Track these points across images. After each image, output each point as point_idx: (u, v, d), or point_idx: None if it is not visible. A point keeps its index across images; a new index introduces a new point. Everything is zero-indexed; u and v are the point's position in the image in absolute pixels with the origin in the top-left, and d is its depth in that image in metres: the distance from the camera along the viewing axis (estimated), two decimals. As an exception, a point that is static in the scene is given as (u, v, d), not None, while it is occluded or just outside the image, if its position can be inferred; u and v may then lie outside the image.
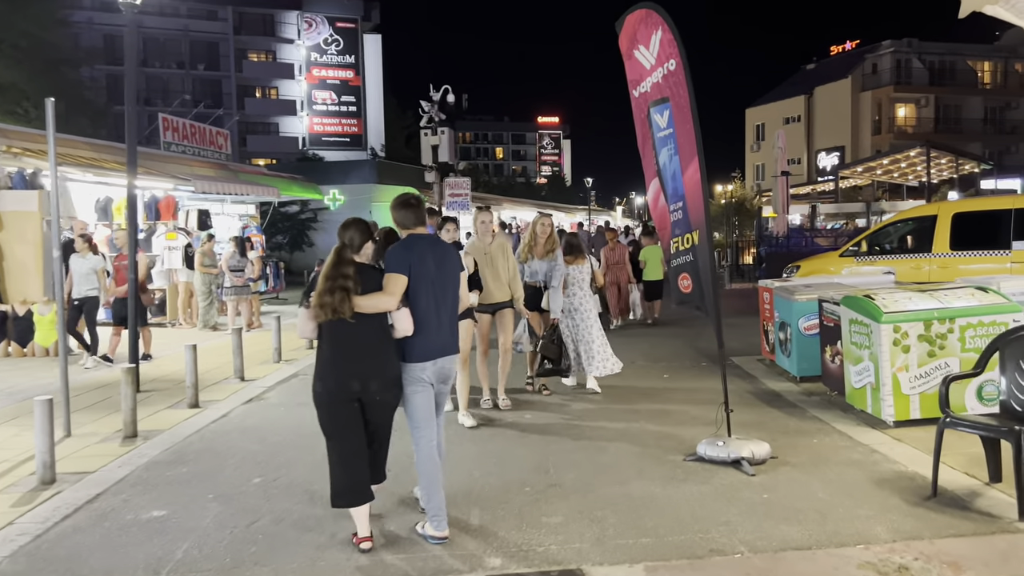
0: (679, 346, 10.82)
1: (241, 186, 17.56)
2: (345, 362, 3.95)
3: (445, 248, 4.42)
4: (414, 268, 4.08)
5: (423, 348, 4.13)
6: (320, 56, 56.39)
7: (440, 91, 19.90)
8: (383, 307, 3.98)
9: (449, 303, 4.27)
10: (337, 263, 3.93)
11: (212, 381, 8.89)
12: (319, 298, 3.89)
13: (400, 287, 4.02)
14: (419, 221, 4.29)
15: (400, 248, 4.18)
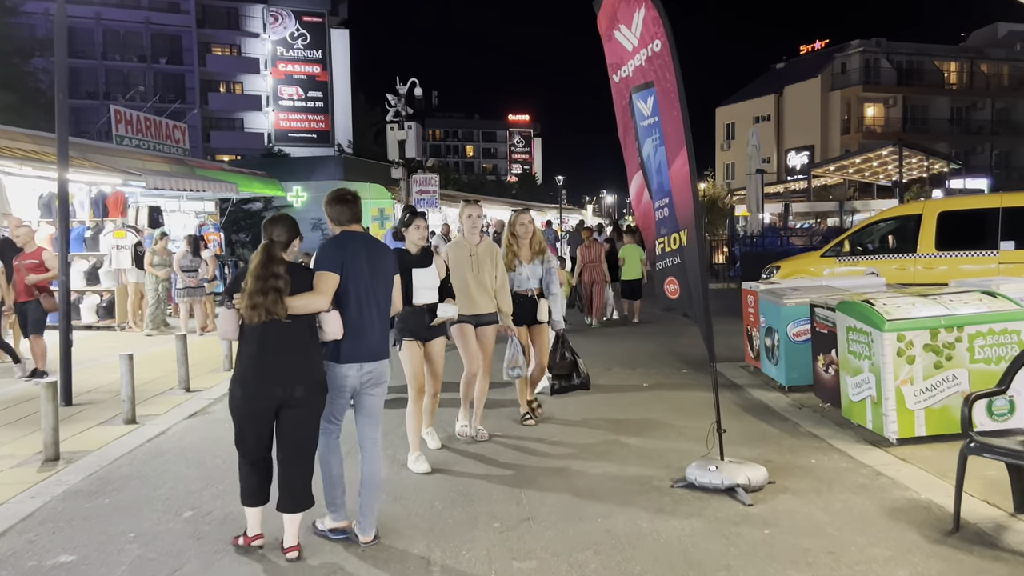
0: (658, 350, 10.28)
1: (197, 182, 16.71)
2: (271, 366, 3.74)
3: (380, 247, 4.19)
4: (347, 267, 3.91)
5: (352, 350, 3.96)
6: (286, 51, 55.20)
7: (407, 84, 19.21)
8: (315, 307, 3.80)
9: (382, 305, 4.10)
10: (267, 261, 3.71)
11: (154, 392, 8.17)
12: (250, 299, 3.66)
13: (332, 286, 3.85)
14: (354, 218, 4.12)
15: (332, 245, 4.00)
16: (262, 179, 21.58)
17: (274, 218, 3.99)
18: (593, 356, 7.38)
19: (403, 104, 19.04)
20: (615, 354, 10.02)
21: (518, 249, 6.42)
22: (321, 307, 3.80)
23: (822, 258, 11.70)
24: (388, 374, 4.19)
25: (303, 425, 3.87)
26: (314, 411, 3.89)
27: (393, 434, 6.00)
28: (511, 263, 6.31)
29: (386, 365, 4.13)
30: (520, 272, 6.38)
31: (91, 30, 51.69)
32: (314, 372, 3.84)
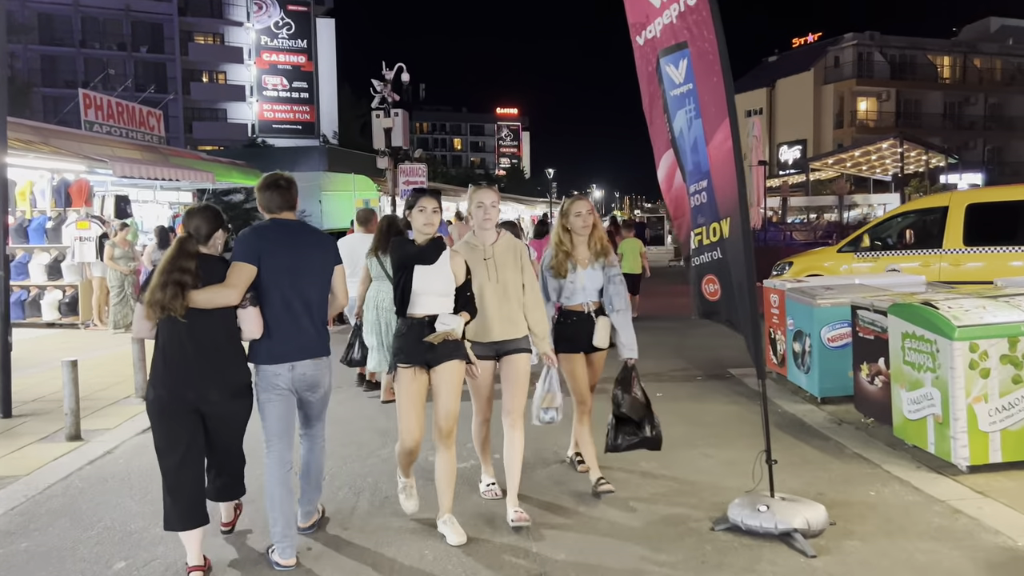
0: (665, 352, 9.45)
1: (170, 170, 15.72)
2: (179, 367, 3.46)
3: (312, 237, 3.81)
4: (265, 258, 3.57)
5: (271, 350, 3.62)
6: (271, 40, 54.03)
7: (394, 70, 18.29)
8: (221, 301, 3.46)
9: (313, 301, 3.72)
10: (176, 255, 3.44)
11: (107, 401, 7.28)
12: (150, 294, 3.40)
13: (243, 278, 3.51)
14: (285, 204, 3.74)
15: (249, 234, 3.66)
16: (242, 169, 20.60)
17: (192, 210, 3.68)
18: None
19: (389, 90, 18.13)
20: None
21: (572, 248, 4.65)
22: (229, 300, 3.46)
23: (839, 253, 10.91)
24: (328, 376, 3.84)
25: (225, 431, 3.62)
26: (234, 415, 3.62)
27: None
28: (562, 267, 4.60)
29: (324, 365, 3.79)
30: (574, 280, 4.62)
31: (69, 17, 50.46)
32: (229, 374, 3.54)
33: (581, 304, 4.67)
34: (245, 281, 3.51)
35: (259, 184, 3.77)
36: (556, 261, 4.64)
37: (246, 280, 3.51)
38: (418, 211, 3.92)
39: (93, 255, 12.40)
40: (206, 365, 3.46)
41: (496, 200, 4.26)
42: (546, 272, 4.68)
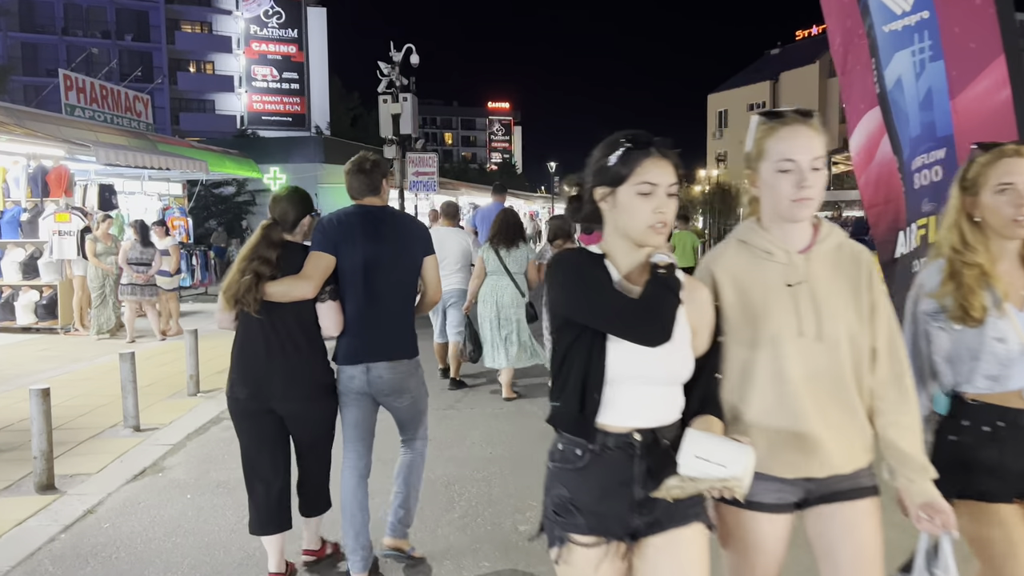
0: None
1: (159, 158, 14.30)
2: (255, 364, 3.21)
3: (397, 223, 3.42)
4: (344, 247, 3.25)
5: (347, 348, 3.29)
6: (260, 29, 52.46)
7: (402, 50, 16.93)
8: (297, 294, 3.15)
9: (396, 295, 3.34)
10: (258, 243, 3.18)
11: (91, 432, 5.93)
12: (227, 284, 3.16)
13: (319, 270, 3.19)
14: (368, 189, 3.40)
15: (328, 221, 3.32)
16: (236, 158, 19.17)
17: (276, 196, 3.39)
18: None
19: (397, 73, 16.76)
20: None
21: (991, 261, 2.13)
22: (304, 293, 3.17)
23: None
24: (413, 380, 3.39)
25: (304, 435, 3.37)
26: (313, 419, 3.33)
27: None
28: (974, 304, 2.07)
29: (406, 368, 3.35)
30: (1004, 335, 2.06)
31: (51, 4, 48.95)
32: (307, 374, 3.26)
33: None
34: (322, 272, 3.20)
35: (346, 168, 3.42)
36: (964, 303, 2.09)
37: (323, 271, 3.20)
38: (638, 193, 1.74)
39: (74, 251, 11.01)
40: (283, 364, 3.19)
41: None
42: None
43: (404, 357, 3.34)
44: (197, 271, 15.37)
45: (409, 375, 3.36)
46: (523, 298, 6.72)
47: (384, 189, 3.44)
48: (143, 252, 10.07)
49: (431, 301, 3.51)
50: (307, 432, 3.34)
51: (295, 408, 3.25)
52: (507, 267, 6.59)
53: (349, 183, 3.41)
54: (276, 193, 3.42)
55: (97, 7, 50.20)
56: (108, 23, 50.48)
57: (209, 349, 9.34)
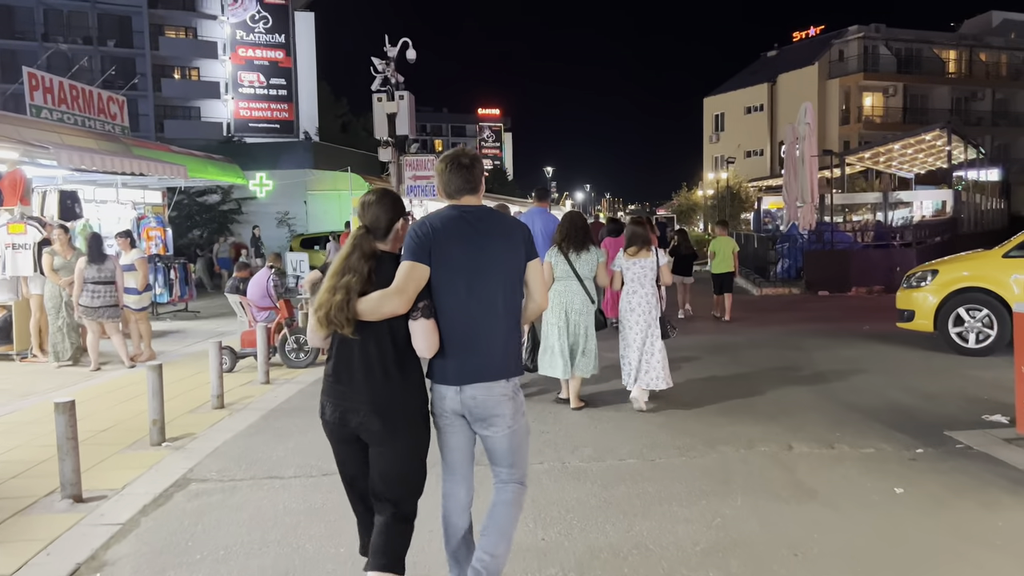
0: (821, 400, 6.89)
1: (133, 162, 12.95)
2: (343, 386, 2.91)
3: (498, 224, 2.99)
4: (438, 253, 2.87)
5: (442, 366, 2.92)
6: (247, 34, 51.13)
7: (398, 45, 15.66)
8: (388, 310, 2.81)
9: (497, 305, 2.93)
10: (350, 254, 2.90)
11: (17, 504, 4.60)
12: (318, 301, 2.89)
13: (413, 281, 2.83)
14: (465, 187, 3.01)
15: (420, 225, 2.93)
16: (219, 164, 17.86)
17: (369, 198, 3.02)
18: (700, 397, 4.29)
19: (393, 70, 15.50)
20: (712, 387, 6.65)
21: None
22: (395, 309, 2.79)
23: (1006, 259, 8.45)
24: (511, 405, 2.94)
25: (389, 466, 2.91)
26: (401, 448, 2.90)
27: None
28: None
29: (503, 391, 2.92)
30: None
31: (31, 8, 47.51)
32: (398, 398, 2.87)
33: None
34: (416, 284, 2.83)
35: (439, 165, 3.05)
36: None
37: (417, 283, 2.83)
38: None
39: (30, 267, 9.68)
40: (369, 387, 2.86)
41: None
42: None
43: (501, 376, 2.95)
44: (176, 286, 14.02)
45: (506, 399, 2.96)
46: (592, 304, 6.52)
47: (483, 187, 3.08)
48: (100, 269, 8.74)
49: (537, 309, 3.13)
50: (384, 463, 2.92)
51: (380, 437, 2.89)
52: (577, 271, 6.39)
53: (446, 181, 3.04)
54: (364, 198, 3.08)
55: (78, 12, 48.90)
56: (90, 28, 49.17)
57: (181, 381, 8.01)
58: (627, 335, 6.59)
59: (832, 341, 9.83)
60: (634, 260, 6.60)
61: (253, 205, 26.25)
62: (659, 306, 6.64)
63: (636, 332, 6.53)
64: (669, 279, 6.91)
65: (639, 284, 6.57)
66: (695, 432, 5.81)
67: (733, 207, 26.12)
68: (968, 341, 8.59)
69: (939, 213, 32.68)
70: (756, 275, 17.92)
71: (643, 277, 6.56)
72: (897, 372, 7.84)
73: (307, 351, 9.01)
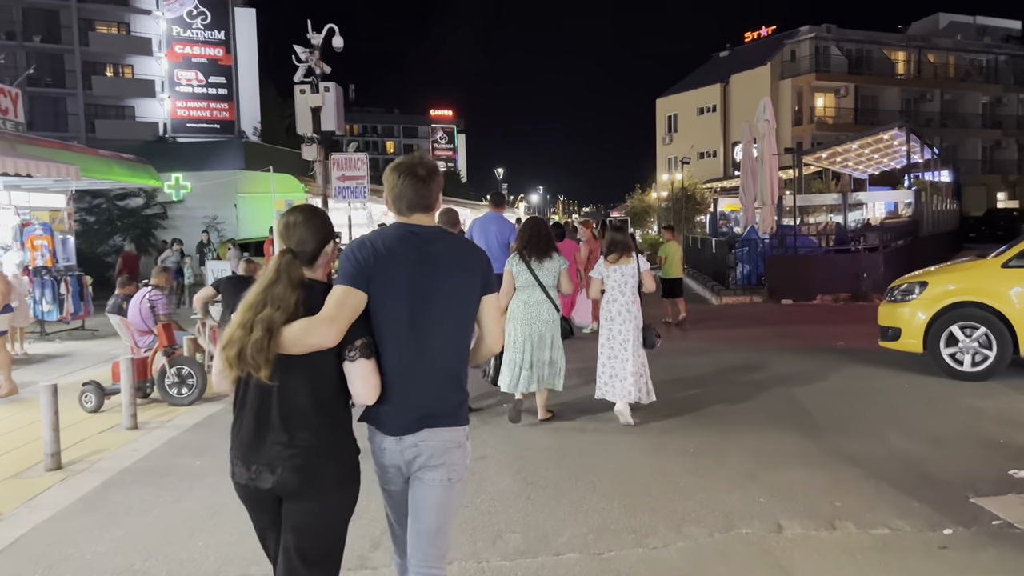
0: (756, 416, 5.67)
1: (17, 161, 11.29)
2: (255, 438, 2.43)
3: (452, 250, 2.60)
4: (378, 279, 2.46)
5: (382, 414, 2.50)
6: (184, 31, 48.98)
7: (323, 32, 14.18)
8: (313, 341, 2.35)
9: (444, 343, 2.54)
10: (273, 282, 2.38)
11: None
12: (227, 337, 2.37)
13: (346, 310, 2.39)
14: (418, 203, 2.56)
15: (359, 245, 2.51)
16: (128, 164, 16.11)
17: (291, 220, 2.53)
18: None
19: (317, 59, 14.00)
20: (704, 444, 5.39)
21: None
22: (323, 340, 2.34)
23: (1005, 269, 7.34)
24: (458, 455, 2.55)
25: (309, 531, 2.43)
26: (327, 511, 2.45)
27: None
28: None
29: (451, 436, 2.53)
30: None
31: (-52, 1, 44.64)
32: (326, 452, 2.42)
33: None
34: (350, 313, 2.39)
35: (388, 175, 2.59)
36: None
37: (351, 312, 2.40)
38: None
39: None
40: (288, 439, 2.38)
41: None
42: None
43: (451, 424, 2.54)
44: (67, 301, 12.34)
45: (455, 447, 2.55)
46: (558, 313, 6.27)
47: (439, 205, 2.63)
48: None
49: (488, 352, 2.73)
50: (311, 528, 2.42)
51: (301, 494, 2.40)
52: (540, 280, 6.12)
53: (397, 194, 2.57)
54: (289, 216, 2.54)
55: (2, 6, 46.13)
56: (14, 22, 46.44)
57: (30, 426, 6.47)
58: (610, 345, 6.40)
59: (807, 363, 8.65)
60: (615, 267, 6.42)
61: (181, 209, 24.43)
62: (640, 315, 6.47)
63: (618, 342, 6.35)
64: (652, 285, 6.66)
65: (620, 292, 6.40)
66: (656, 501, 4.52)
67: (688, 209, 25.15)
68: (963, 364, 7.49)
69: (892, 214, 32.26)
70: (714, 282, 16.79)
71: (624, 284, 6.40)
72: (890, 405, 6.67)
73: (191, 385, 7.52)
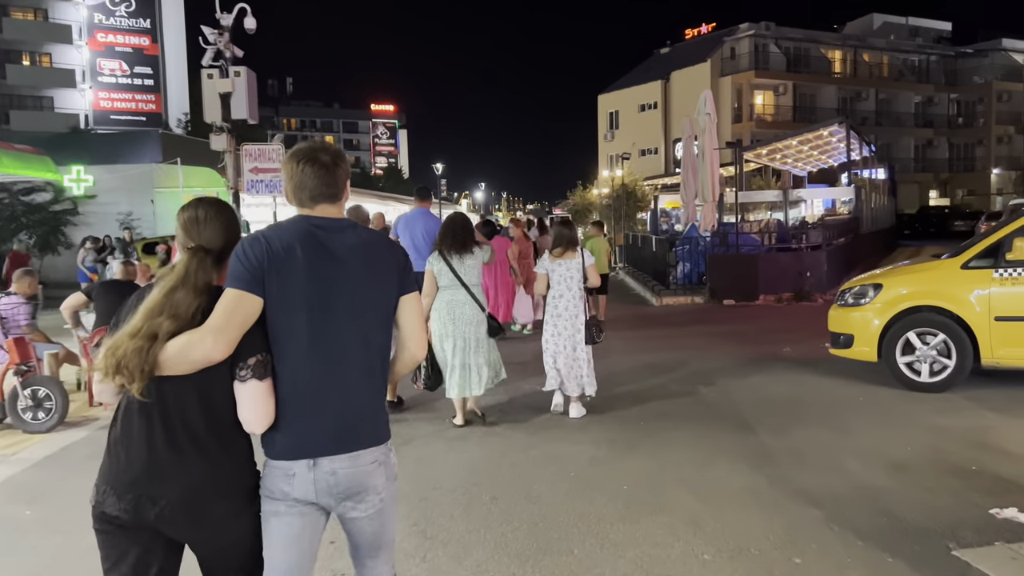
0: (698, 442, 4.91)
1: None
2: (136, 463, 2.09)
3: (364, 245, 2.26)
4: (276, 282, 2.11)
5: (286, 434, 2.15)
6: (106, 18, 46.70)
7: (234, 11, 13.03)
8: (196, 355, 2.04)
9: (359, 354, 2.21)
10: (177, 285, 2.10)
11: None
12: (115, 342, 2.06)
13: (237, 319, 2.06)
14: (323, 193, 2.25)
15: (255, 242, 2.14)
16: (19, 155, 14.62)
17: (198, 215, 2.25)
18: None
19: (227, 41, 12.85)
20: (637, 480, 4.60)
21: None
22: (207, 354, 2.03)
23: (965, 270, 6.72)
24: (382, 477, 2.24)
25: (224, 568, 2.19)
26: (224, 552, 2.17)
27: None
28: None
29: (372, 457, 2.21)
30: None
31: None
32: (220, 483, 2.12)
33: None
34: (241, 322, 2.06)
35: (287, 163, 2.27)
36: None
37: (243, 320, 2.06)
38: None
39: None
40: (174, 466, 2.07)
41: None
42: None
43: (372, 444, 2.21)
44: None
45: (377, 467, 2.23)
46: (483, 312, 6.10)
47: (346, 194, 2.32)
48: None
49: (411, 360, 2.40)
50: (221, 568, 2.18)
51: (193, 531, 2.11)
52: (462, 278, 5.96)
53: (298, 183, 2.26)
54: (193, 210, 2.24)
55: (-93, -10, 43.30)
56: (-81, 8, 43.66)
57: None
58: (556, 340, 6.33)
59: (753, 373, 7.95)
60: (559, 262, 6.34)
61: (92, 205, 22.88)
62: (586, 309, 6.40)
63: (565, 337, 6.29)
64: (597, 280, 6.59)
65: (566, 287, 6.33)
66: (579, 563, 3.67)
67: (629, 206, 24.59)
68: (920, 374, 6.85)
69: (830, 211, 32.28)
70: (655, 281, 16.13)
71: (570, 279, 6.32)
72: (845, 424, 5.96)
73: (49, 408, 6.42)
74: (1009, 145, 54.15)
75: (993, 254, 6.62)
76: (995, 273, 6.54)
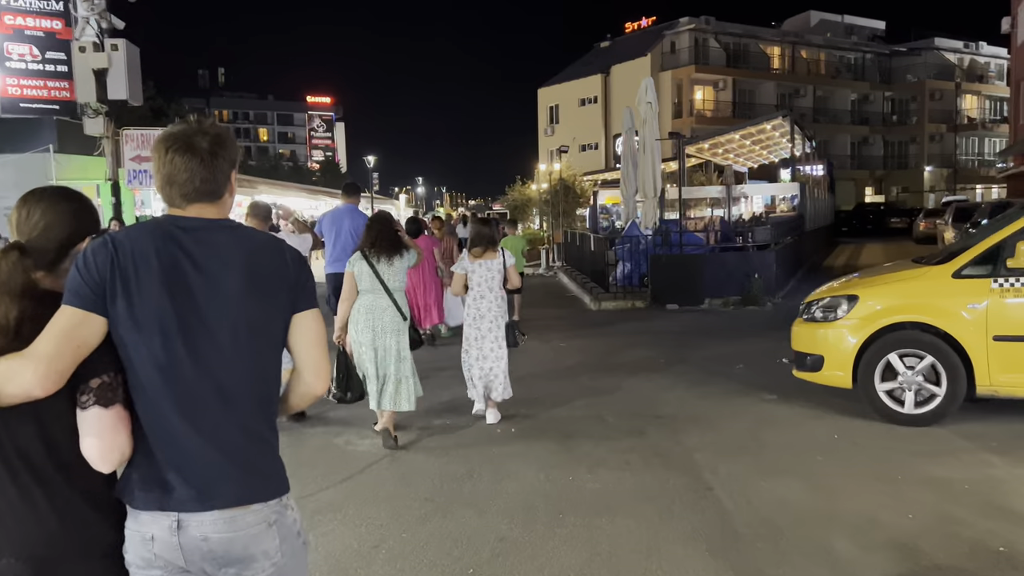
0: (640, 505, 3.65)
1: None
2: None
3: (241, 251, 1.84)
4: (125, 298, 1.74)
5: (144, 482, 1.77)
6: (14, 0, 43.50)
7: (110, -24, 11.32)
8: (15, 390, 1.66)
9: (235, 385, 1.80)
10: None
11: None
12: None
13: (70, 344, 1.70)
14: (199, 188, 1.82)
15: (99, 248, 1.77)
16: None
17: (30, 205, 1.87)
18: None
19: (103, 10, 11.17)
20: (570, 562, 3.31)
21: None
22: (30, 388, 1.66)
23: (957, 279, 5.59)
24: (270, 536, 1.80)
25: None
26: None
27: None
28: None
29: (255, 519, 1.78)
30: None
31: None
32: (70, 533, 1.74)
33: None
34: (76, 347, 1.70)
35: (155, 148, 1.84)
36: None
37: (78, 345, 1.70)
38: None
39: None
40: (12, 517, 1.72)
41: None
42: None
43: (257, 499, 1.79)
44: None
45: (265, 529, 1.79)
46: (405, 321, 5.59)
47: (230, 194, 1.90)
48: None
49: (306, 393, 1.95)
50: None
51: None
52: (385, 283, 5.47)
53: (167, 175, 1.83)
54: (26, 200, 1.89)
55: None
56: None
57: None
58: (478, 345, 6.15)
59: (704, 399, 6.73)
60: (480, 262, 6.16)
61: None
62: (507, 312, 6.34)
63: (488, 340, 6.14)
64: (518, 281, 6.55)
65: (487, 288, 6.18)
66: None
67: (568, 202, 23.47)
68: (904, 403, 5.71)
69: (770, 208, 31.74)
70: (593, 283, 14.90)
71: (491, 280, 6.18)
72: (823, 476, 4.75)
73: None
74: (941, 143, 54.97)
75: (991, 260, 5.49)
76: (994, 283, 5.42)
